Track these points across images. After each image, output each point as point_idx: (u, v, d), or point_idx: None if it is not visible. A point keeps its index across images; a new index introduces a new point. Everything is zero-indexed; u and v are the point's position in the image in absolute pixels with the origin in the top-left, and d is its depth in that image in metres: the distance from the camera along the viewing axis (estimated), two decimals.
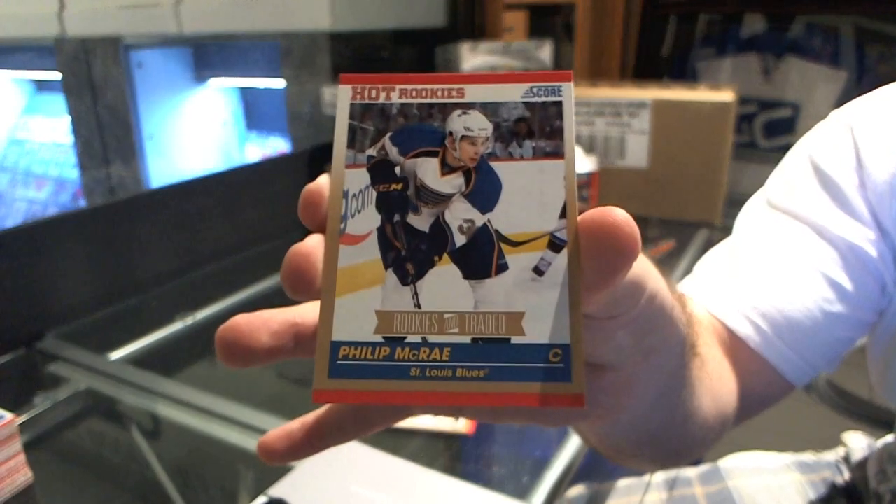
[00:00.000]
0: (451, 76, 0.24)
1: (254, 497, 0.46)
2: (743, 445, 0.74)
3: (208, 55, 1.59)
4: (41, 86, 2.13)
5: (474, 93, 0.23)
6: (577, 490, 0.58)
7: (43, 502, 0.52)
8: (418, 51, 1.35)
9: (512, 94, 0.23)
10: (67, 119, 1.64)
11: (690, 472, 0.72)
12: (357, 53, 1.21)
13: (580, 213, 0.21)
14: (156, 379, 0.66)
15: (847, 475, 0.67)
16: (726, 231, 1.14)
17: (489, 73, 0.24)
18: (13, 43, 1.79)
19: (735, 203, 0.97)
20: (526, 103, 0.23)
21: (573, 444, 0.54)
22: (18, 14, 1.61)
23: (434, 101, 0.23)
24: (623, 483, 0.69)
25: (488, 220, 0.22)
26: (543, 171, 0.22)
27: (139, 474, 0.56)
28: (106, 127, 1.56)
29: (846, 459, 0.69)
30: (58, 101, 1.77)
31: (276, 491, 0.47)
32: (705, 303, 0.47)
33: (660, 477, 0.72)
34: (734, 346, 0.46)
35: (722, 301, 0.47)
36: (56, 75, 1.63)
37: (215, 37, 1.40)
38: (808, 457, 0.71)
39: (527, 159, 0.22)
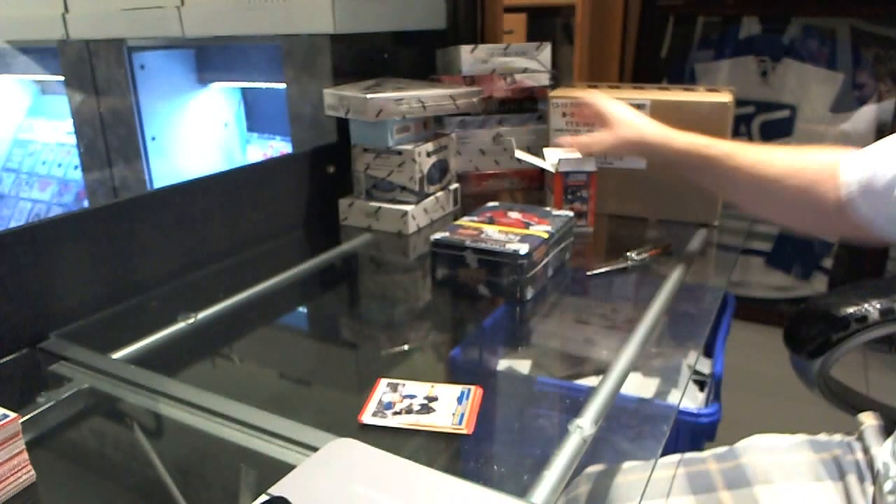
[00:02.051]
0: None
1: (255, 496, 0.47)
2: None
3: (210, 57, 1.59)
4: (45, 88, 2.14)
5: None
6: (594, 468, 0.59)
7: (45, 501, 0.52)
8: (418, 53, 1.36)
9: None
10: (71, 121, 1.65)
11: (704, 453, 0.73)
12: (358, 55, 1.21)
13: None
14: (158, 378, 0.66)
15: (859, 453, 0.69)
16: (724, 231, 1.16)
17: None
18: (18, 45, 1.80)
19: (732, 204, 0.98)
20: None
21: (573, 443, 0.54)
22: (23, 17, 1.62)
23: None
24: (633, 464, 0.70)
25: None
26: None
27: (141, 473, 0.56)
28: (109, 128, 1.57)
29: (859, 439, 0.70)
30: (61, 103, 1.78)
31: (277, 490, 0.47)
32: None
33: (674, 458, 0.74)
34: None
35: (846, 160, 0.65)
36: (60, 77, 1.64)
37: (217, 39, 1.41)
38: (821, 437, 0.73)
39: None
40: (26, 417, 0.60)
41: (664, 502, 0.70)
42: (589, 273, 0.91)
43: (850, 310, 0.81)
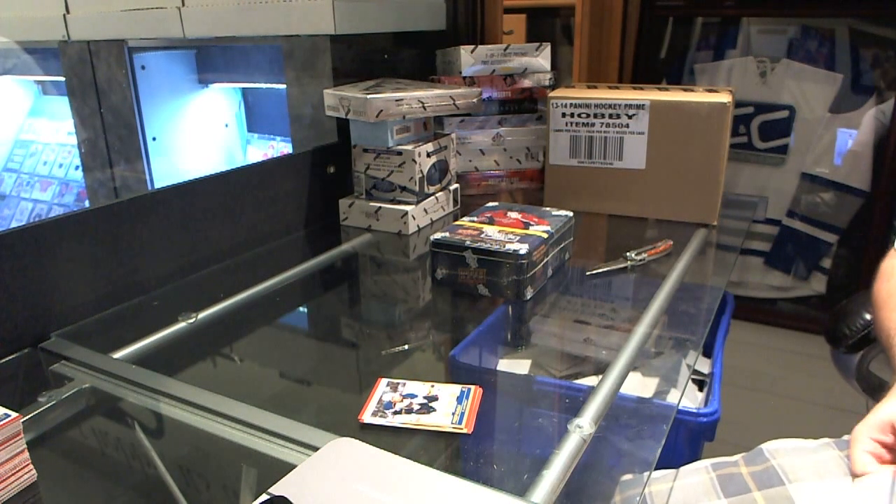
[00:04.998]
0: None
1: (256, 495, 0.47)
2: (786, 434, 0.77)
3: (211, 57, 1.60)
4: (46, 88, 2.14)
5: None
6: (625, 478, 0.59)
7: (46, 500, 0.52)
8: (418, 53, 1.36)
9: None
10: (72, 121, 1.65)
11: (734, 457, 0.74)
12: (358, 56, 1.21)
13: None
14: (158, 378, 0.66)
15: None
16: (723, 231, 1.16)
17: None
18: (19, 46, 1.80)
19: (731, 204, 0.97)
20: None
21: (573, 442, 0.55)
22: (24, 18, 1.62)
23: None
24: (663, 472, 0.72)
25: None
26: None
27: (142, 472, 0.56)
28: (110, 129, 1.57)
29: None
30: (62, 104, 1.78)
31: (277, 489, 0.47)
32: None
33: (704, 463, 0.75)
34: None
35: None
36: (61, 78, 1.64)
37: (218, 39, 1.41)
38: (844, 437, 0.74)
39: None
40: (27, 417, 0.61)
41: None
42: (588, 273, 0.92)
43: None
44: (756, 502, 0.68)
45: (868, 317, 0.88)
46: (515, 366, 0.77)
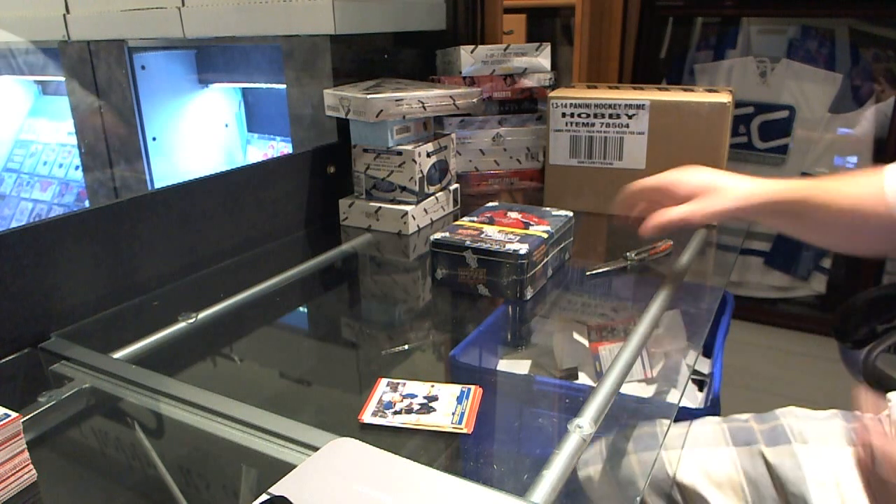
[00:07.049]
0: None
1: (256, 495, 0.47)
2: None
3: (211, 57, 1.60)
4: (46, 88, 2.14)
5: None
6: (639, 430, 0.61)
7: (46, 500, 0.52)
8: (418, 53, 1.36)
9: None
10: (72, 121, 1.65)
11: (744, 415, 0.80)
12: (358, 56, 1.21)
13: None
14: (158, 378, 0.66)
15: (887, 426, 0.72)
16: (723, 231, 1.16)
17: None
18: (19, 46, 1.80)
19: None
20: None
21: (573, 442, 0.55)
22: (25, 18, 1.62)
23: None
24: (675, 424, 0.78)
25: None
26: None
27: (142, 472, 0.56)
28: (110, 129, 1.57)
29: (889, 416, 0.74)
30: (62, 104, 1.78)
31: (277, 489, 0.47)
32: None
33: (717, 418, 0.78)
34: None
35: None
36: (61, 78, 1.64)
37: (218, 39, 1.41)
38: (855, 412, 0.77)
39: None
40: (27, 417, 0.61)
41: (707, 450, 0.74)
42: (588, 273, 0.92)
43: None
44: (762, 454, 0.72)
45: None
46: (515, 366, 0.77)
